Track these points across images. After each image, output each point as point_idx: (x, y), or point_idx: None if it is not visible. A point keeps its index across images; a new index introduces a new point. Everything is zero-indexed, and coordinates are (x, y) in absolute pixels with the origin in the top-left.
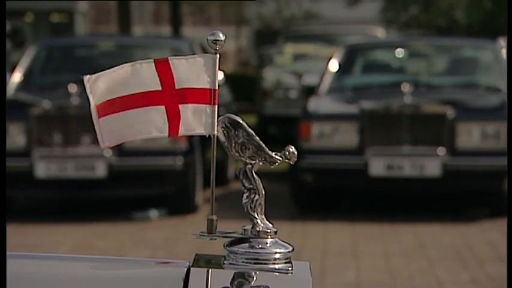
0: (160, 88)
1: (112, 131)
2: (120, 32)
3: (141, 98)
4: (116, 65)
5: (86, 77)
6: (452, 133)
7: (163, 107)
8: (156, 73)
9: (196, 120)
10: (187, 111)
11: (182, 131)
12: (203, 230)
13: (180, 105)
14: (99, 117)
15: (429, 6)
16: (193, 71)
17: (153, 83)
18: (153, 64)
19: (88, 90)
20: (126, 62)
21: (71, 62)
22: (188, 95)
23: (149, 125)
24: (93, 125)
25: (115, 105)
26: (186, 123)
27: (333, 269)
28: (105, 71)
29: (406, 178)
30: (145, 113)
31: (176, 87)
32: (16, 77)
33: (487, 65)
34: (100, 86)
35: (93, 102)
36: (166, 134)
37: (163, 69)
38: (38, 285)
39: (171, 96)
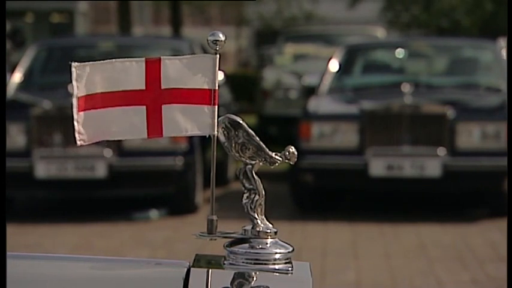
0: (143, 87)
1: (90, 128)
2: (120, 32)
3: (123, 97)
4: None
5: (74, 64)
6: (452, 133)
7: (144, 107)
8: (144, 72)
9: (190, 121)
10: (173, 111)
11: (168, 132)
12: (203, 230)
13: (163, 106)
14: (79, 110)
15: (429, 6)
16: (188, 71)
17: (137, 82)
18: (143, 63)
19: (74, 76)
20: None
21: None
22: (177, 95)
23: (128, 126)
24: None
25: (96, 100)
26: (171, 124)
27: (333, 269)
28: (94, 62)
29: (406, 178)
30: (125, 113)
31: (162, 87)
32: (16, 77)
33: (487, 65)
34: (87, 76)
35: (76, 92)
36: (145, 135)
37: (153, 69)
38: (38, 285)
39: (154, 96)
